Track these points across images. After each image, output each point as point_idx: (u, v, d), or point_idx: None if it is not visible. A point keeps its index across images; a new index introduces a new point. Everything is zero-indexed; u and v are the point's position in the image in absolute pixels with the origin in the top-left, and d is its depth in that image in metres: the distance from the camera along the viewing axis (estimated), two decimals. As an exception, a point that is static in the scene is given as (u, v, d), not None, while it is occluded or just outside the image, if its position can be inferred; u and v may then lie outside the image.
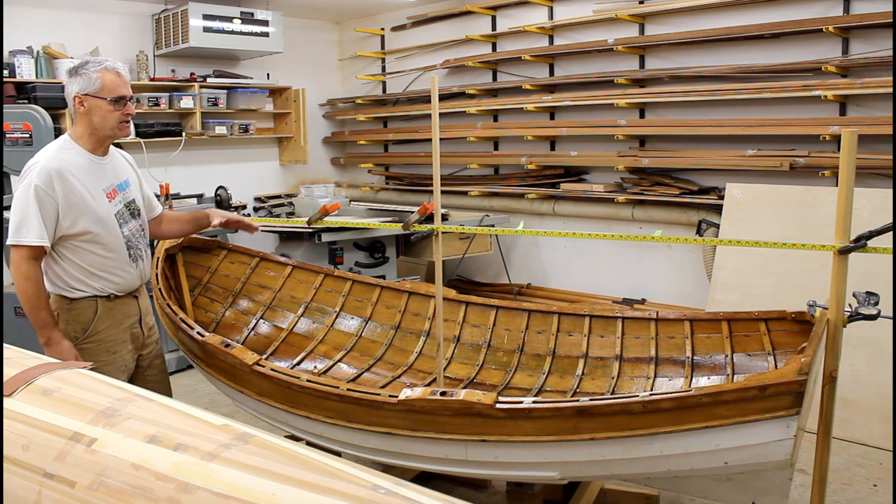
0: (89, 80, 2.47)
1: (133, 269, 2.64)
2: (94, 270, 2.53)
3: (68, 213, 2.44)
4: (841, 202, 2.22)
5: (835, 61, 4.16)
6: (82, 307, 2.54)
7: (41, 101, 4.83)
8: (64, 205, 2.42)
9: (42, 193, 2.39)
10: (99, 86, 2.47)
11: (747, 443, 2.04)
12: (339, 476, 0.98)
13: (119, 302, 2.62)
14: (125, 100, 2.52)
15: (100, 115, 2.49)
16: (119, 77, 2.51)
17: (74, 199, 2.44)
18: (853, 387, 3.76)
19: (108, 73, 2.48)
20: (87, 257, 2.51)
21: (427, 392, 2.30)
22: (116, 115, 2.51)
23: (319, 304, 3.63)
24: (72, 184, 2.44)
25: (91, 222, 2.48)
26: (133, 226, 2.66)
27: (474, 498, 3.19)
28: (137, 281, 2.69)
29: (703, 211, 4.83)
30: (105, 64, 2.50)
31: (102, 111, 2.49)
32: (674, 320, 3.09)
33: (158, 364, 2.89)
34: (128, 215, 2.64)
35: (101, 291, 2.56)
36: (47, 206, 2.40)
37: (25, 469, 1.14)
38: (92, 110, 2.49)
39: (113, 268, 2.57)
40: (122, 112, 2.52)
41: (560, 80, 5.57)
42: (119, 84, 2.50)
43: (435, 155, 2.79)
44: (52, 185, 2.40)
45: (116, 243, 2.56)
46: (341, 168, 7.62)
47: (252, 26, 5.94)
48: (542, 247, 6.09)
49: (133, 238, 2.64)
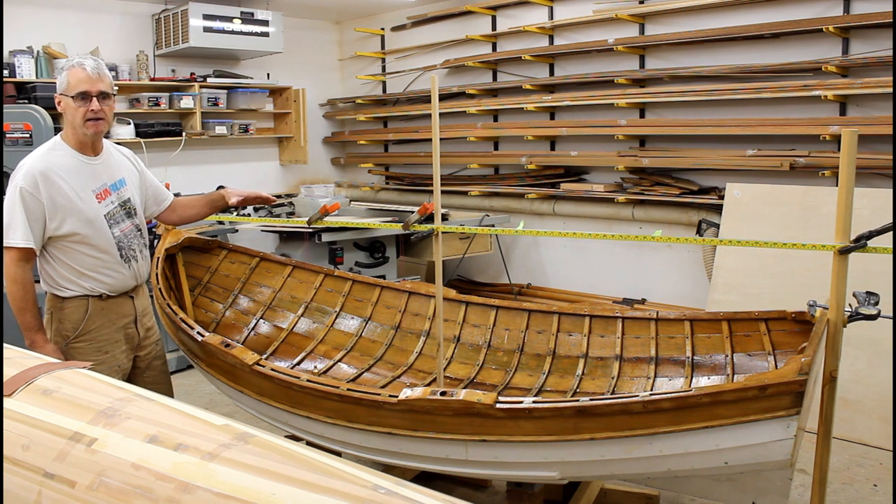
0: (61, 79, 2.46)
1: (125, 269, 2.61)
2: (83, 271, 2.52)
3: (55, 215, 2.42)
4: (841, 202, 2.22)
5: (835, 61, 4.16)
6: (73, 306, 2.53)
7: (41, 101, 4.83)
8: (50, 206, 2.40)
9: (27, 195, 2.37)
10: (66, 84, 2.44)
11: (747, 443, 2.04)
12: (339, 476, 0.98)
13: (112, 302, 2.61)
14: (90, 96, 2.44)
15: (70, 113, 2.46)
16: (83, 72, 2.43)
17: (61, 201, 2.42)
18: (853, 387, 3.76)
19: (74, 70, 2.44)
20: (76, 257, 2.50)
21: (427, 392, 2.30)
22: (81, 111, 2.44)
23: (319, 304, 3.63)
24: (58, 185, 2.42)
25: (79, 223, 2.46)
26: (126, 226, 2.63)
27: (474, 498, 3.19)
28: (131, 281, 2.66)
29: (703, 211, 4.83)
30: (74, 61, 2.46)
31: (71, 109, 2.45)
32: (674, 320, 3.08)
33: (158, 366, 2.86)
34: (122, 215, 2.61)
35: (92, 291, 2.55)
36: (32, 208, 2.38)
37: (25, 469, 1.14)
38: (66, 109, 2.47)
39: (103, 268, 2.55)
40: (87, 108, 2.44)
41: (560, 80, 5.58)
42: (82, 80, 2.43)
43: (435, 155, 2.79)
44: (37, 187, 2.38)
45: (106, 244, 2.54)
46: (341, 168, 7.62)
47: (252, 26, 5.94)
48: (542, 247, 6.09)
49: (125, 238, 2.61)
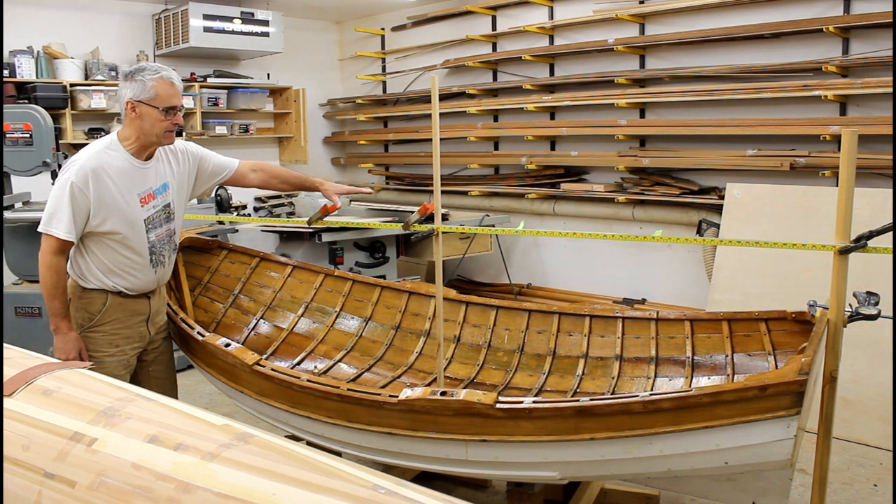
0: (144, 86, 2.51)
1: (151, 273, 2.71)
2: (113, 268, 2.60)
3: (99, 212, 2.51)
4: (841, 202, 2.22)
5: (835, 61, 4.16)
6: (93, 297, 2.63)
7: (41, 101, 4.83)
8: (96, 204, 2.49)
9: (77, 191, 2.46)
10: (153, 94, 2.52)
11: (747, 443, 2.04)
12: (339, 476, 0.98)
13: (130, 300, 2.69)
14: (175, 109, 2.57)
15: (149, 122, 2.54)
16: (173, 87, 2.55)
17: (106, 200, 2.51)
18: (853, 387, 3.76)
19: (163, 83, 2.53)
20: (110, 255, 2.59)
21: (427, 392, 2.30)
22: (165, 123, 2.55)
23: (320, 304, 3.63)
24: (106, 185, 2.51)
25: (120, 224, 2.55)
26: (161, 231, 2.71)
27: (474, 498, 3.19)
28: (153, 285, 2.76)
29: (703, 211, 4.83)
30: (161, 73, 2.54)
31: (153, 119, 2.54)
32: (674, 320, 3.08)
33: (164, 360, 2.93)
34: (161, 219, 2.70)
35: (113, 289, 2.63)
36: (80, 203, 2.47)
37: (26, 469, 1.15)
38: (143, 116, 2.54)
39: (132, 269, 2.64)
40: (171, 121, 2.56)
41: (560, 80, 5.58)
42: (172, 94, 2.55)
43: (435, 155, 2.79)
44: (87, 184, 2.47)
45: (140, 247, 2.63)
46: (341, 168, 7.62)
47: (252, 26, 5.94)
48: (542, 247, 6.08)
49: (158, 244, 2.70)
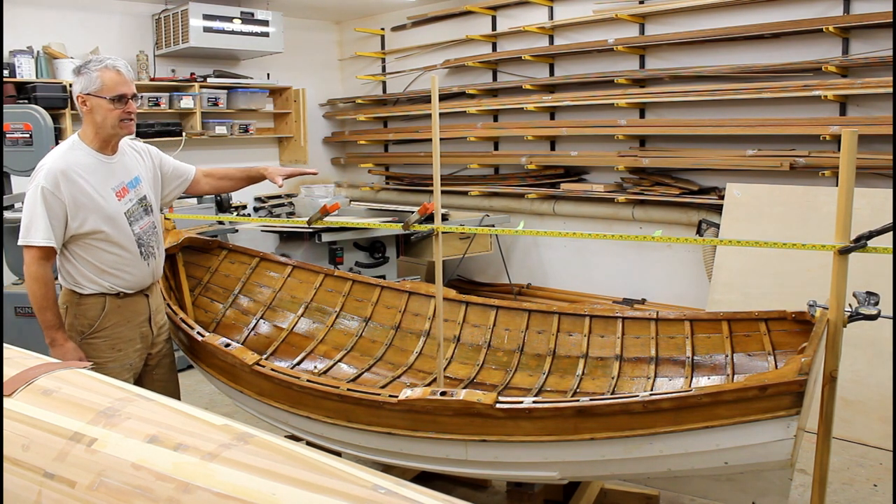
0: (90, 79, 2.48)
1: (144, 266, 2.66)
2: (105, 268, 2.56)
3: (77, 214, 2.46)
4: (841, 202, 2.22)
5: (835, 61, 4.16)
6: (91, 303, 2.58)
7: (41, 101, 4.83)
8: (72, 205, 2.45)
9: (48, 195, 2.42)
10: (99, 85, 2.48)
11: (747, 443, 2.04)
12: (339, 476, 0.98)
13: (128, 300, 2.65)
14: (126, 98, 2.52)
15: (101, 114, 2.51)
16: (119, 75, 2.51)
17: (82, 200, 2.47)
18: (853, 387, 3.76)
19: (108, 72, 2.49)
20: (98, 255, 2.55)
21: (427, 392, 2.30)
22: (117, 113, 2.51)
23: (319, 304, 3.63)
24: (79, 184, 2.47)
25: (101, 221, 2.51)
26: (144, 223, 2.67)
27: (474, 498, 3.19)
28: (149, 279, 2.72)
29: (703, 211, 4.83)
30: (105, 62, 2.51)
31: (104, 110, 2.50)
32: (674, 320, 3.08)
33: (167, 363, 2.91)
34: (140, 212, 2.66)
35: (111, 290, 2.59)
36: (54, 207, 2.43)
37: (25, 469, 1.14)
38: (94, 109, 2.51)
39: (124, 265, 2.60)
40: (123, 110, 2.52)
41: (560, 80, 5.57)
42: (119, 82, 2.50)
43: (435, 155, 2.79)
44: (58, 187, 2.43)
45: (127, 241, 2.59)
46: (341, 168, 7.62)
47: (252, 26, 5.94)
48: (542, 247, 6.08)
49: (144, 235, 2.66)
